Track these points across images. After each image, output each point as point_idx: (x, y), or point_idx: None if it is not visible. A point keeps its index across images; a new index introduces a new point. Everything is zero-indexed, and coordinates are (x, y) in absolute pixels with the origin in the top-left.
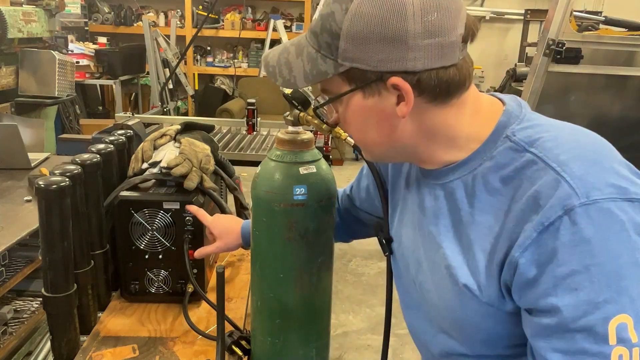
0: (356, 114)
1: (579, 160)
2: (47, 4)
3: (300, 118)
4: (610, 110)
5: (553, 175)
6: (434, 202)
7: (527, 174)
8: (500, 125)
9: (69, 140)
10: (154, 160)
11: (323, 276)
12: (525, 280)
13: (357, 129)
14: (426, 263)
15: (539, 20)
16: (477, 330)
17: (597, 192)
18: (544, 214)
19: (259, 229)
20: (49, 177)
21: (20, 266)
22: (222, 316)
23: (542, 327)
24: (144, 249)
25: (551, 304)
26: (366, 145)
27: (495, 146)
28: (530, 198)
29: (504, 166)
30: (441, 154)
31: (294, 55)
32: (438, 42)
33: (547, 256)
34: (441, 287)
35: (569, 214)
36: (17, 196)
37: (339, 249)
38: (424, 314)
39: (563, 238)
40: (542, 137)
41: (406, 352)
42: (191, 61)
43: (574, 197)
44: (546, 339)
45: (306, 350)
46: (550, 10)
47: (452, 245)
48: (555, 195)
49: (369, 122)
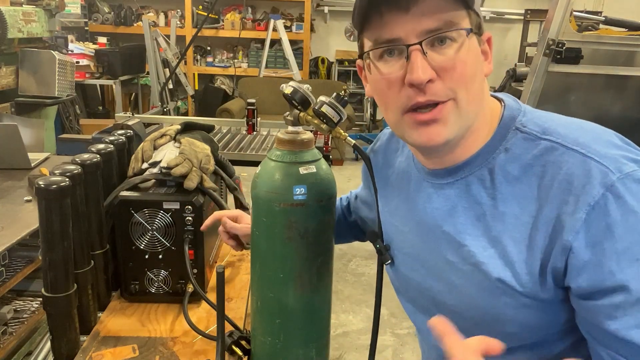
0: (473, 55)
1: (597, 142)
2: (47, 4)
3: (300, 118)
4: (610, 110)
5: (580, 157)
6: (445, 202)
7: (550, 159)
8: (506, 118)
9: (69, 140)
10: (154, 160)
11: (323, 276)
12: (584, 263)
13: (471, 72)
14: (438, 266)
15: (539, 20)
16: (509, 323)
17: (626, 167)
18: (587, 194)
19: (258, 229)
20: (49, 177)
21: (20, 266)
22: (222, 316)
23: (613, 307)
24: (144, 249)
25: (619, 280)
26: (468, 101)
27: (507, 138)
28: (564, 182)
29: (520, 156)
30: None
31: None
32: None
33: (602, 234)
34: (463, 286)
35: (610, 190)
36: (17, 196)
37: (339, 249)
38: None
39: (613, 214)
40: (550, 125)
41: (406, 352)
42: (191, 61)
43: (610, 173)
44: (617, 319)
45: (306, 350)
46: (550, 10)
47: (477, 240)
48: (591, 174)
49: (478, 67)
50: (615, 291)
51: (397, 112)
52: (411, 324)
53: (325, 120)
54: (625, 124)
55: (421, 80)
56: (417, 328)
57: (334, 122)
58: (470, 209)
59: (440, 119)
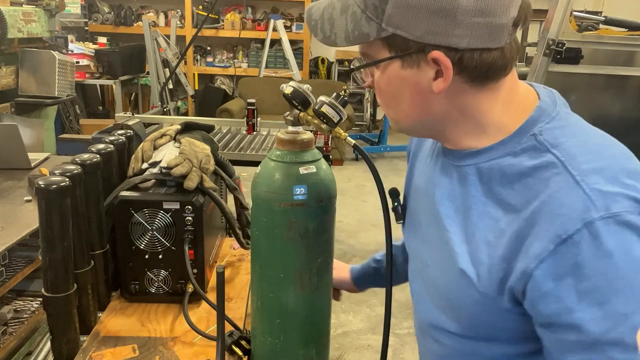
0: (391, 83)
1: (601, 173)
2: (47, 4)
3: (300, 118)
4: (610, 110)
5: (572, 182)
6: (448, 183)
7: (545, 175)
8: (530, 120)
9: (69, 140)
10: (154, 160)
11: (323, 276)
12: (542, 293)
13: (389, 98)
14: (431, 240)
15: (539, 20)
16: (468, 313)
17: (616, 206)
18: (562, 225)
19: (259, 228)
20: (49, 177)
21: (20, 266)
22: (222, 316)
23: (569, 343)
24: (144, 249)
25: (576, 319)
26: (395, 116)
27: (520, 142)
28: (544, 203)
29: (522, 163)
30: (467, 137)
31: (339, 11)
32: (487, 21)
33: (568, 270)
34: (442, 267)
35: (588, 227)
36: (17, 196)
37: (338, 249)
38: (424, 285)
39: (585, 252)
40: (567, 140)
41: (406, 352)
42: (191, 61)
43: (593, 209)
44: (574, 354)
45: (306, 350)
46: (550, 10)
47: (458, 231)
48: (573, 205)
49: (403, 93)
50: (571, 329)
51: None
52: (411, 323)
53: (325, 120)
54: (625, 124)
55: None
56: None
57: (334, 122)
58: (462, 198)
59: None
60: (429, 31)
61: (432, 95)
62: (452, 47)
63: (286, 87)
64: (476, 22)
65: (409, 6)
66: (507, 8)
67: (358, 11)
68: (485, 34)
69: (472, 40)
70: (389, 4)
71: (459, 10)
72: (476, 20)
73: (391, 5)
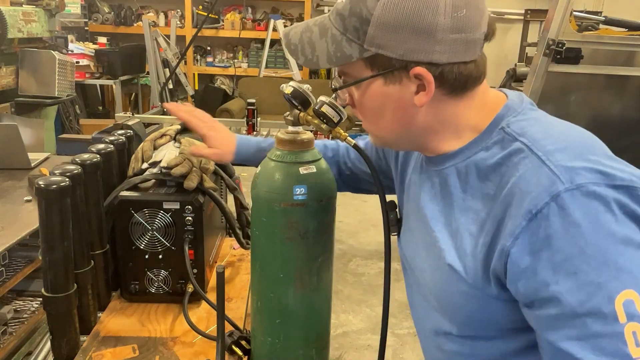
0: (374, 100)
1: (565, 151)
2: (47, 4)
3: (300, 118)
4: (610, 110)
5: (537, 162)
6: (431, 187)
7: (514, 160)
8: (498, 117)
9: (69, 140)
10: (154, 160)
11: (323, 276)
12: (520, 270)
13: (371, 114)
14: (421, 244)
15: (539, 20)
16: (460, 310)
17: (580, 178)
18: (531, 201)
19: (259, 229)
20: (49, 177)
21: (20, 266)
22: (222, 316)
23: (550, 319)
24: (144, 249)
25: (552, 291)
26: (378, 131)
27: (491, 137)
28: (515, 185)
29: (494, 155)
30: (445, 143)
31: (318, 35)
32: (464, 37)
33: (541, 244)
34: (433, 267)
35: (555, 200)
36: (17, 196)
37: (338, 249)
38: (419, 292)
39: (554, 225)
40: (533, 128)
41: (406, 352)
42: (191, 61)
43: (559, 183)
44: (557, 330)
45: (306, 350)
46: (550, 10)
47: (443, 229)
48: (540, 182)
49: (386, 108)
50: (550, 302)
51: None
52: (411, 323)
53: (325, 120)
54: (625, 124)
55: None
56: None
57: (334, 122)
58: (444, 199)
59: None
60: (411, 49)
61: (414, 109)
62: (434, 62)
63: (286, 87)
64: (454, 38)
65: (390, 27)
66: (478, 24)
67: (337, 34)
68: (462, 49)
69: (451, 55)
70: (370, 26)
71: (438, 29)
72: (454, 37)
73: (373, 27)
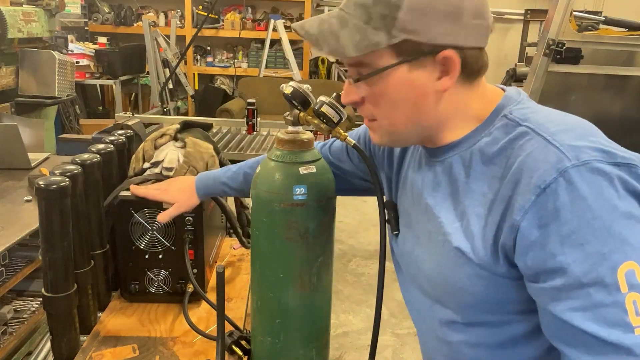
0: (396, 88)
1: (568, 132)
2: (47, 4)
3: (300, 118)
4: (610, 110)
5: (543, 142)
6: (433, 177)
7: (520, 143)
8: (499, 106)
9: (69, 140)
10: (156, 160)
11: (323, 276)
12: (529, 243)
13: (390, 104)
14: (423, 235)
15: (539, 20)
16: (468, 294)
17: (585, 155)
18: (540, 177)
19: (259, 229)
20: (49, 177)
21: (20, 266)
22: (222, 316)
23: (555, 290)
24: (144, 249)
25: (560, 262)
26: (391, 125)
27: (493, 124)
28: (522, 163)
29: (498, 139)
30: (451, 133)
31: (338, 26)
32: (482, 23)
33: (549, 217)
34: (437, 255)
35: (563, 175)
36: (17, 196)
37: (338, 249)
38: (419, 287)
39: (562, 198)
40: (535, 115)
41: (406, 352)
42: (191, 61)
43: (565, 159)
44: (560, 302)
45: (306, 350)
46: (550, 10)
47: (448, 214)
48: (548, 159)
49: (406, 97)
50: (556, 273)
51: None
52: (411, 324)
53: (325, 120)
54: (625, 124)
55: (345, 103)
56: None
57: (334, 122)
58: (449, 185)
59: (370, 128)
60: (441, 33)
61: (435, 96)
62: (459, 46)
63: (286, 87)
64: (475, 23)
65: (421, 11)
66: (489, 13)
67: (360, 23)
68: (480, 34)
69: (472, 40)
70: (400, 11)
71: (464, 13)
72: (475, 22)
73: (404, 12)
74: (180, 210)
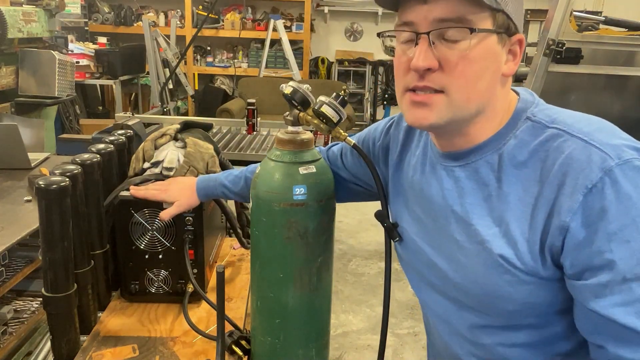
0: (485, 56)
1: (601, 131)
2: (47, 4)
3: (300, 118)
4: (610, 110)
5: (582, 143)
6: (454, 183)
7: (554, 145)
8: (519, 109)
9: (69, 140)
10: (156, 160)
11: (323, 276)
12: (577, 242)
13: (476, 71)
14: (447, 244)
15: (539, 20)
16: (509, 301)
17: (626, 154)
18: (586, 177)
19: (258, 229)
20: (49, 177)
21: (20, 266)
22: (222, 316)
23: (599, 286)
24: (144, 249)
25: (607, 259)
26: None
27: (517, 127)
28: (564, 165)
29: (528, 142)
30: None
31: None
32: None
33: (597, 216)
34: (471, 265)
35: (608, 174)
36: (17, 196)
37: (338, 249)
38: (442, 294)
39: (609, 197)
40: (560, 116)
41: (406, 352)
42: (191, 61)
43: (609, 159)
44: (603, 298)
45: (306, 350)
46: (550, 10)
47: (483, 220)
48: (591, 159)
49: (488, 69)
50: (602, 269)
51: (400, 90)
52: (411, 324)
53: (325, 120)
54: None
55: (418, 67)
56: (420, 299)
57: (334, 122)
58: (479, 190)
59: (429, 104)
60: (520, 16)
61: (500, 78)
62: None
63: (286, 87)
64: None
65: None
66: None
67: None
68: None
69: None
70: None
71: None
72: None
73: None
74: (181, 209)
